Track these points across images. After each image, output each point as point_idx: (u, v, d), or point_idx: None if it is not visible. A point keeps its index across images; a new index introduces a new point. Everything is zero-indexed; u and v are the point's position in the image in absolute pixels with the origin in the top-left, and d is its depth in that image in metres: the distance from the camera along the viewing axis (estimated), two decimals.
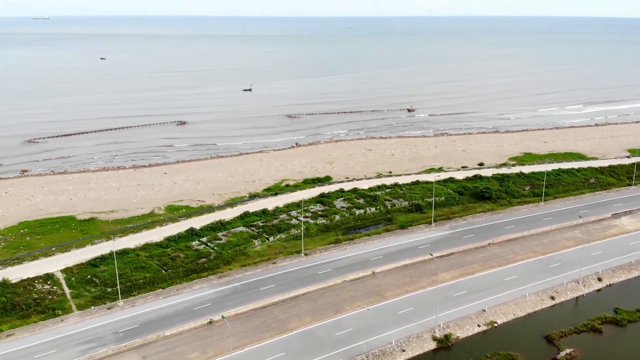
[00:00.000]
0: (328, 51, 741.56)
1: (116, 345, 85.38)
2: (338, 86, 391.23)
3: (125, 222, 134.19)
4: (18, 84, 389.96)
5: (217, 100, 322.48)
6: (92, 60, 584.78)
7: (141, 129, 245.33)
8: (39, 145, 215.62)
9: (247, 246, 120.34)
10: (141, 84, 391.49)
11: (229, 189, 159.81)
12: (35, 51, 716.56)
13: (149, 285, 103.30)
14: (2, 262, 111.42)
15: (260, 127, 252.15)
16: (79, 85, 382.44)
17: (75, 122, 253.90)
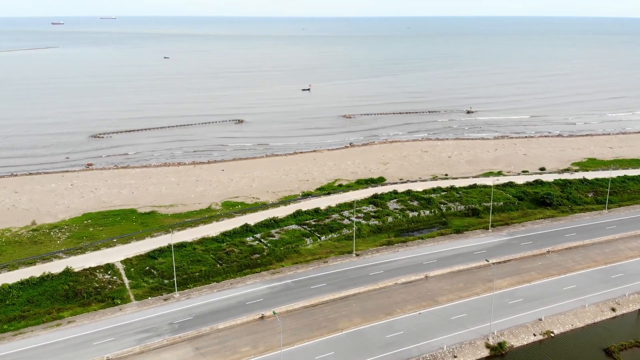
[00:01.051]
0: (386, 51, 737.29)
1: (171, 335, 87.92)
2: (395, 86, 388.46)
3: (184, 217, 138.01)
4: (86, 82, 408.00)
5: (275, 100, 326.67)
6: (155, 59, 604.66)
7: (201, 126, 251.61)
8: (103, 141, 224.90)
9: (299, 244, 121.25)
10: (202, 83, 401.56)
11: (282, 187, 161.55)
12: (102, 50, 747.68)
13: (204, 279, 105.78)
14: (66, 252, 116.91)
15: (315, 126, 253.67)
16: (143, 84, 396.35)
17: (139, 119, 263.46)
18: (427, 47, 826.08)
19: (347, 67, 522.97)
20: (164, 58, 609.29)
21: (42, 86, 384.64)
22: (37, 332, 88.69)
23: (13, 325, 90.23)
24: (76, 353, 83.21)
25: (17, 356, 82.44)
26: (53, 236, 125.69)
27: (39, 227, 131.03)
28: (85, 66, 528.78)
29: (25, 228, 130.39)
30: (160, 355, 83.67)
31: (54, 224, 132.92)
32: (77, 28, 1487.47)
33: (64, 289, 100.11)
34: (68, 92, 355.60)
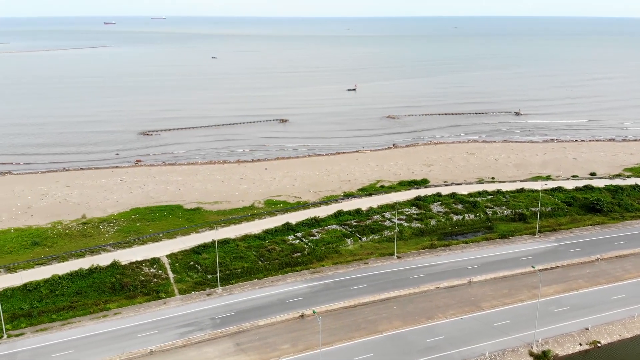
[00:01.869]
0: (433, 51, 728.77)
1: (212, 330, 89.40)
2: (442, 87, 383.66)
3: (228, 214, 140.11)
4: (137, 81, 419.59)
5: (320, 100, 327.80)
6: (204, 59, 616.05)
7: (246, 126, 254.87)
8: (152, 138, 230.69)
9: (340, 244, 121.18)
10: (248, 83, 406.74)
11: (324, 187, 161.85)
12: (152, 49, 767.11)
13: (246, 275, 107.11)
14: (114, 245, 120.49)
15: (358, 127, 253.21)
16: (192, 83, 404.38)
17: (187, 118, 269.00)
18: (474, 47, 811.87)
19: (393, 67, 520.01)
20: (212, 58, 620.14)
21: (95, 84, 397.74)
22: (85, 323, 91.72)
23: (62, 315, 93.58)
24: (121, 344, 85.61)
25: (65, 345, 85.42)
26: (102, 230, 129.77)
27: (89, 220, 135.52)
28: (136, 65, 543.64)
29: (75, 221, 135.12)
30: (201, 349, 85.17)
31: (103, 217, 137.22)
32: (128, 28, 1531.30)
33: (111, 282, 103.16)
34: (119, 90, 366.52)
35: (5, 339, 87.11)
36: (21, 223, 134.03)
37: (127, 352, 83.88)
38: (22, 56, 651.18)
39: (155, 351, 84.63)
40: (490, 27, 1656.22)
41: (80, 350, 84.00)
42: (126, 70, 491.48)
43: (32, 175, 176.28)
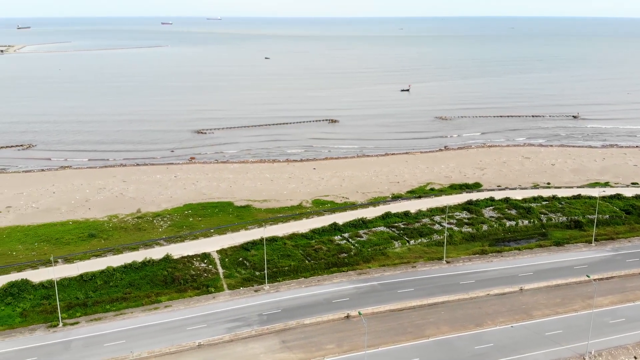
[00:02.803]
0: (488, 52, 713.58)
1: (259, 327, 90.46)
2: (496, 88, 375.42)
3: (276, 212, 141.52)
4: (192, 80, 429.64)
5: (371, 100, 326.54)
6: (257, 59, 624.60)
7: (296, 125, 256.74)
8: (206, 136, 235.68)
9: (387, 246, 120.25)
10: (300, 83, 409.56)
11: (372, 188, 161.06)
12: (207, 50, 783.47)
13: (293, 273, 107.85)
14: (167, 239, 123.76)
15: (409, 128, 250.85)
16: (245, 83, 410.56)
17: (240, 117, 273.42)
18: (531, 48, 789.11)
19: (447, 68, 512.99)
20: (264, 58, 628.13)
21: (153, 83, 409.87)
22: (137, 314, 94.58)
23: (115, 306, 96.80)
24: (170, 336, 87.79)
25: (117, 335, 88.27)
26: (156, 224, 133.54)
27: (144, 215, 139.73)
28: (192, 65, 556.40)
29: (131, 215, 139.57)
30: (248, 345, 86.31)
31: (157, 212, 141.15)
32: (184, 28, 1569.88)
33: (163, 275, 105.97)
34: (176, 90, 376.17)
35: (61, 327, 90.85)
36: (79, 216, 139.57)
37: (176, 344, 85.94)
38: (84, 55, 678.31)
39: (203, 345, 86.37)
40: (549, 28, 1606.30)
41: (131, 340, 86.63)
42: (183, 70, 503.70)
43: (90, 170, 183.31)
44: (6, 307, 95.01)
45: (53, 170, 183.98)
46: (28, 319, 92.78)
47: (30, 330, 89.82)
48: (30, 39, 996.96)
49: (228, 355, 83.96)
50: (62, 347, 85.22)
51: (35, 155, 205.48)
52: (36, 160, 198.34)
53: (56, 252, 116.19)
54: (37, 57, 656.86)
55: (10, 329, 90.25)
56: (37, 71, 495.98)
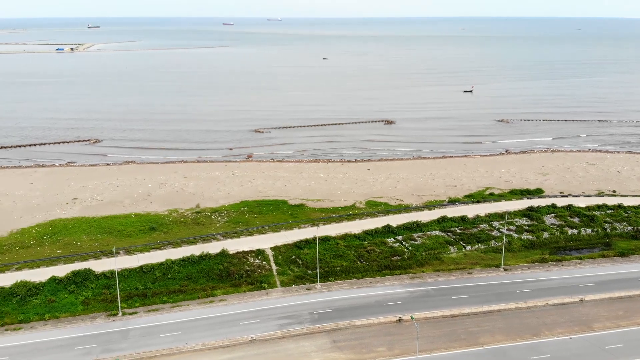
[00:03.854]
0: (553, 53, 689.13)
1: (310, 325, 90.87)
2: (561, 91, 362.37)
3: (329, 212, 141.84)
4: (253, 80, 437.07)
5: (431, 101, 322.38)
6: (315, 60, 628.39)
7: (352, 126, 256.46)
8: (263, 135, 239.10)
9: (442, 251, 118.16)
10: (357, 84, 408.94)
11: (428, 191, 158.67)
12: (267, 50, 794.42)
13: (345, 274, 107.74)
14: (224, 235, 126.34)
15: (469, 130, 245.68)
16: (303, 84, 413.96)
17: (296, 117, 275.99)
18: (599, 50, 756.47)
19: (511, 69, 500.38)
20: (322, 59, 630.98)
21: (214, 82, 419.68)
22: (192, 307, 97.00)
23: (172, 298, 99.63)
24: (224, 330, 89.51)
25: (173, 327, 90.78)
26: (213, 219, 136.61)
27: (202, 210, 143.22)
28: (253, 65, 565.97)
29: (190, 210, 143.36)
30: (299, 342, 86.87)
31: (215, 208, 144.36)
32: (245, 29, 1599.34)
33: (218, 269, 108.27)
34: (236, 89, 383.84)
35: (120, 316, 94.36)
36: (141, 209, 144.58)
37: (229, 338, 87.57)
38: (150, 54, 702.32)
39: (255, 340, 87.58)
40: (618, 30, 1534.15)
41: (186, 332, 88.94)
42: (243, 70, 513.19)
43: (153, 165, 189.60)
44: (69, 295, 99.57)
45: (117, 164, 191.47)
46: (89, 307, 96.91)
47: (92, 318, 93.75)
48: (99, 38, 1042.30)
49: (279, 351, 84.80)
50: (121, 336, 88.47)
51: (101, 150, 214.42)
52: (102, 155, 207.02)
53: (118, 243, 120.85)
54: (104, 55, 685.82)
55: (72, 316, 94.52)
56: (105, 69, 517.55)
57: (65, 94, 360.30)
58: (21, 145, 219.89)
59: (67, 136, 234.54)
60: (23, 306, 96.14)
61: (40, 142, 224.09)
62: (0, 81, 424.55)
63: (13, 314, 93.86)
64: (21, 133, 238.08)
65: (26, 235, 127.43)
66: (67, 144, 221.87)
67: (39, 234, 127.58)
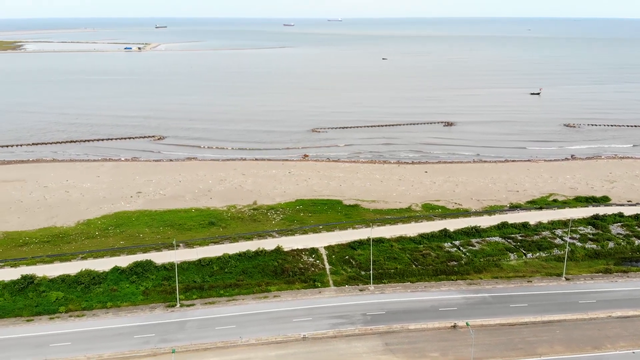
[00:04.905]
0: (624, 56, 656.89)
1: (363, 326, 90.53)
2: (632, 96, 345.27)
3: (384, 213, 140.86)
4: (312, 80, 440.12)
5: (495, 104, 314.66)
6: (374, 60, 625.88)
7: (410, 127, 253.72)
8: (320, 135, 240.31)
9: (501, 258, 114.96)
10: (417, 84, 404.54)
11: (488, 195, 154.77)
12: (327, 50, 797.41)
13: (399, 277, 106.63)
14: (279, 232, 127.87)
15: (533, 134, 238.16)
16: (361, 84, 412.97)
17: (354, 117, 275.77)
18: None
19: (580, 72, 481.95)
20: (382, 59, 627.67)
21: (274, 82, 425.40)
22: (247, 301, 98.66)
23: (228, 292, 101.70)
24: (277, 326, 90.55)
25: (229, 320, 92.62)
26: (269, 216, 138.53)
27: (259, 207, 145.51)
28: (312, 66, 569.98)
29: (247, 206, 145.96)
30: (351, 343, 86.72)
31: (271, 205, 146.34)
32: (305, 29, 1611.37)
33: (273, 265, 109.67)
34: (296, 89, 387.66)
35: (178, 307, 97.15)
36: (201, 204, 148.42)
37: (282, 334, 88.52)
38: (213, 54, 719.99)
39: (307, 338, 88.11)
40: None
41: (241, 326, 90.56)
42: (303, 71, 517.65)
43: (214, 162, 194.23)
44: (131, 285, 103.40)
45: (180, 161, 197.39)
46: (149, 297, 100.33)
47: (151, 309, 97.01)
48: (165, 38, 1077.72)
49: (331, 350, 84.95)
50: (178, 327, 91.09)
51: (165, 147, 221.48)
52: (165, 151, 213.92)
53: (179, 236, 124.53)
54: (170, 55, 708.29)
55: (132, 305, 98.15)
56: (170, 68, 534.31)
57: (133, 91, 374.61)
58: (90, 139, 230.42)
59: (133, 132, 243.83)
60: (87, 294, 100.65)
61: (108, 137, 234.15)
62: (73, 79, 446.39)
63: (77, 301, 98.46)
64: (90, 130, 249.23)
65: (92, 226, 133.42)
66: (133, 140, 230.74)
67: (104, 225, 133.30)
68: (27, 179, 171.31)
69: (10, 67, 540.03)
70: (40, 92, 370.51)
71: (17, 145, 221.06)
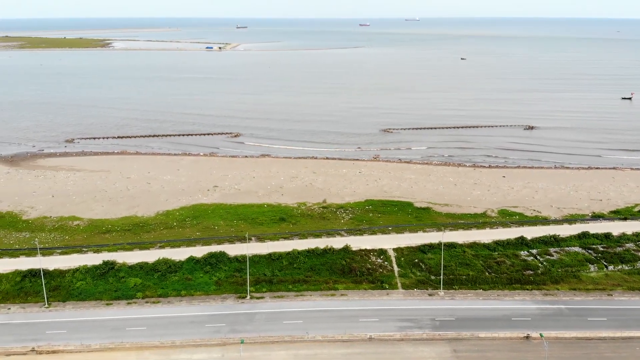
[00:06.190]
0: None
1: (431, 331, 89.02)
2: None
3: (457, 217, 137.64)
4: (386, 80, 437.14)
5: (580, 108, 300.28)
6: (453, 60, 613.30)
7: (487, 129, 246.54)
8: (392, 135, 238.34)
9: (581, 269, 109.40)
10: (496, 85, 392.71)
11: (569, 203, 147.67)
12: (404, 50, 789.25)
13: (471, 283, 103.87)
14: (347, 231, 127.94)
15: (621, 140, 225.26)
16: (438, 84, 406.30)
17: (428, 117, 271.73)
18: None
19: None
20: (460, 59, 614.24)
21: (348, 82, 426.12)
22: (314, 298, 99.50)
23: (296, 287, 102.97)
24: (344, 324, 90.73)
25: (296, 315, 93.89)
26: (338, 215, 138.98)
27: (328, 205, 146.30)
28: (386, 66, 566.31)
29: (317, 204, 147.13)
30: (418, 347, 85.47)
31: (341, 204, 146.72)
32: (381, 29, 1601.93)
33: (341, 264, 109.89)
34: (369, 89, 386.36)
35: (248, 299, 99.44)
36: (273, 200, 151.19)
37: (348, 333, 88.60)
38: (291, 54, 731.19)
39: (374, 338, 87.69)
40: None
41: (307, 322, 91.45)
42: (378, 71, 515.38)
43: (286, 160, 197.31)
44: (204, 275, 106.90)
45: (254, 157, 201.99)
46: (221, 288, 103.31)
47: (222, 299, 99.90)
48: (245, 38, 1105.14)
49: (397, 353, 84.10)
50: (247, 318, 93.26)
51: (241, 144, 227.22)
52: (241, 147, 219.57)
53: (251, 230, 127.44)
54: (249, 54, 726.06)
55: (205, 295, 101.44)
56: (249, 67, 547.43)
57: (212, 89, 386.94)
58: (171, 134, 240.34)
59: (212, 129, 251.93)
60: (163, 281, 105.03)
61: (189, 133, 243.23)
62: (158, 76, 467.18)
63: (154, 288, 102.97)
64: (172, 127, 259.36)
65: (170, 216, 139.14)
66: (211, 136, 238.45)
67: (181, 217, 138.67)
68: (111, 170, 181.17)
69: (99, 64, 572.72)
70: (126, 88, 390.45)
71: (104, 138, 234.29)
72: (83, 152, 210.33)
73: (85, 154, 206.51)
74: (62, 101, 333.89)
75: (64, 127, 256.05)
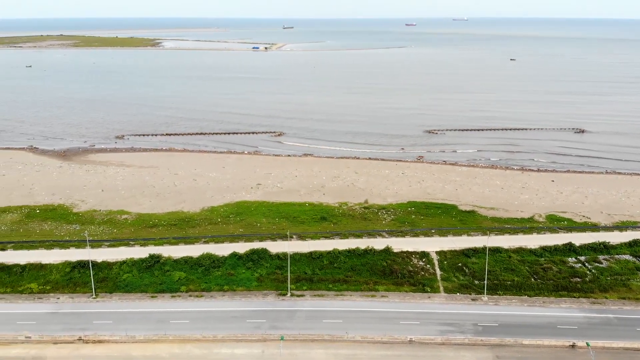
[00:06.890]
0: None
1: (473, 336, 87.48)
2: None
3: (503, 222, 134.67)
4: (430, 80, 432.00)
5: (633, 111, 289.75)
6: (502, 61, 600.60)
7: (536, 132, 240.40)
8: (437, 136, 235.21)
9: (631, 278, 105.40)
10: (546, 87, 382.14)
11: (621, 210, 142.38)
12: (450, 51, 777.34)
13: (515, 289, 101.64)
14: (389, 232, 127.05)
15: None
16: (485, 85, 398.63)
17: (474, 119, 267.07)
18: None
19: None
20: (510, 60, 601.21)
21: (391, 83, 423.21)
22: (354, 298, 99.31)
23: (336, 286, 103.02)
24: (383, 326, 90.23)
25: (336, 314, 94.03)
26: (380, 216, 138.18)
27: (370, 205, 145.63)
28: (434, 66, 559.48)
29: (358, 204, 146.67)
30: (459, 352, 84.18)
31: (382, 205, 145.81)
32: (428, 29, 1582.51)
33: (382, 265, 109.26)
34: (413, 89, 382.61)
35: (289, 297, 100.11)
36: (315, 199, 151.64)
37: (388, 335, 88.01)
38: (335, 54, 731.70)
39: (414, 341, 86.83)
40: None
41: (347, 322, 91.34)
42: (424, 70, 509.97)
43: (328, 160, 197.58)
44: (247, 270, 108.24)
45: (297, 156, 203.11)
46: (263, 284, 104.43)
47: (264, 295, 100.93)
48: (291, 38, 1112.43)
49: (438, 357, 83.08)
50: (287, 315, 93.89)
51: (284, 143, 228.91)
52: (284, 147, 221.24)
53: (292, 228, 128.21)
54: (294, 55, 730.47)
55: (247, 290, 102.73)
56: (294, 68, 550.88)
57: (257, 89, 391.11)
58: (217, 133, 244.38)
59: (256, 128, 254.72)
60: (206, 276, 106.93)
61: (234, 131, 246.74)
62: (205, 75, 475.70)
63: (197, 282, 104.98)
64: (218, 126, 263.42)
65: (215, 213, 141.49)
66: (256, 135, 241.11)
67: (225, 213, 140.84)
68: (159, 166, 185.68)
69: (149, 63, 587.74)
70: (175, 87, 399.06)
71: (152, 135, 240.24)
72: (132, 148, 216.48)
73: (135, 150, 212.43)
74: (114, 98, 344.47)
75: (115, 124, 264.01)
